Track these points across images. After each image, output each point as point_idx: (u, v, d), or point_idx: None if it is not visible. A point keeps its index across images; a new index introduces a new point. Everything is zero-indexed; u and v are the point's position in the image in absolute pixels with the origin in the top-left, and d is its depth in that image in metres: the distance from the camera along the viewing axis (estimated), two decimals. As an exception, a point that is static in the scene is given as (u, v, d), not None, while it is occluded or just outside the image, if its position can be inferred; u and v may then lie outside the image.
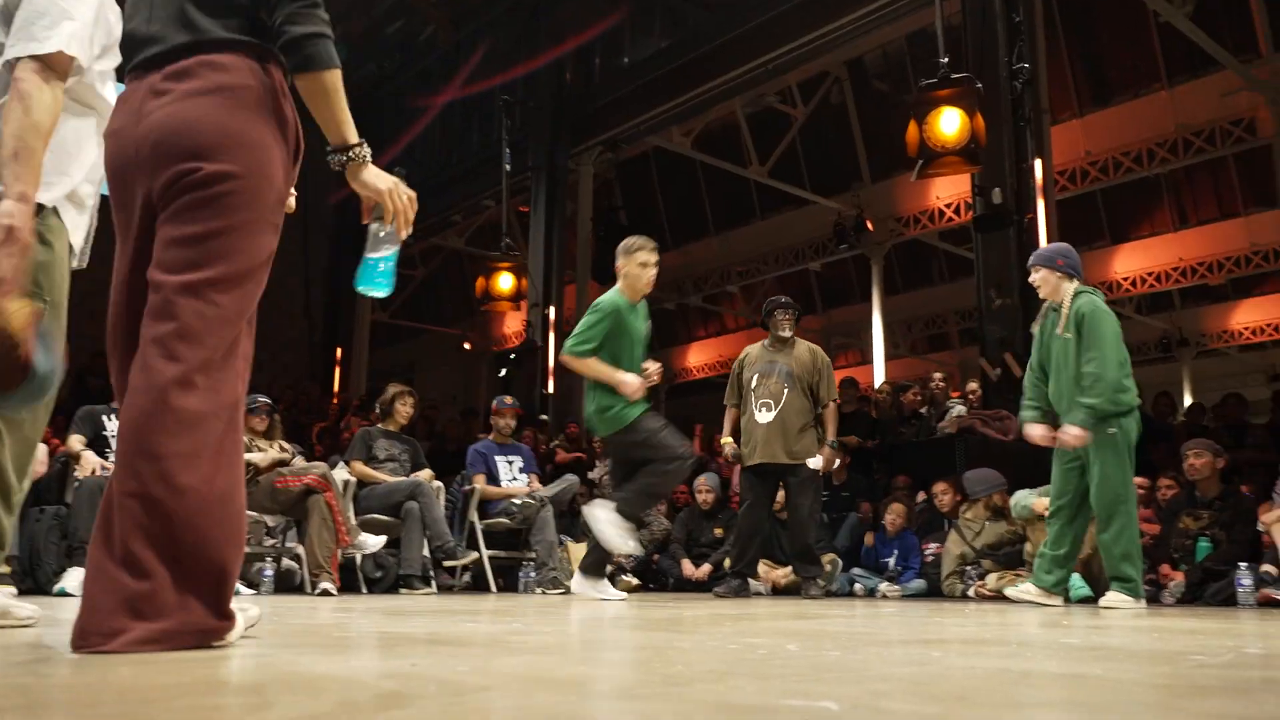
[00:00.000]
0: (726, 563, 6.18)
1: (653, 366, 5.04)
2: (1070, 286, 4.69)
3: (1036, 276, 4.76)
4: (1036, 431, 4.79)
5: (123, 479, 1.70)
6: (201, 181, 1.76)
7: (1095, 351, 4.47)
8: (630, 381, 4.88)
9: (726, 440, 6.13)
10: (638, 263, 4.95)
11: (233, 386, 1.80)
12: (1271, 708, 1.21)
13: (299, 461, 5.94)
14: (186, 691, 1.26)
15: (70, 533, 4.92)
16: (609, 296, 5.02)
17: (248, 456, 5.71)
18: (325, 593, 5.20)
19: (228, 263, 1.79)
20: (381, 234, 1.95)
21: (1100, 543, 4.57)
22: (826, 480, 7.01)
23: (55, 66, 2.03)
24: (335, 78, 1.84)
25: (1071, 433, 4.46)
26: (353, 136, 1.89)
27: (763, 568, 6.38)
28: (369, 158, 1.92)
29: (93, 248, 2.39)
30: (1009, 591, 4.76)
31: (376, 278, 1.96)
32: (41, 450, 4.91)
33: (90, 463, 5.16)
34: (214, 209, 1.78)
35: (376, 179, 1.92)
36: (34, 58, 2.00)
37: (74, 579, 4.57)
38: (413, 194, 1.97)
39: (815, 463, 5.60)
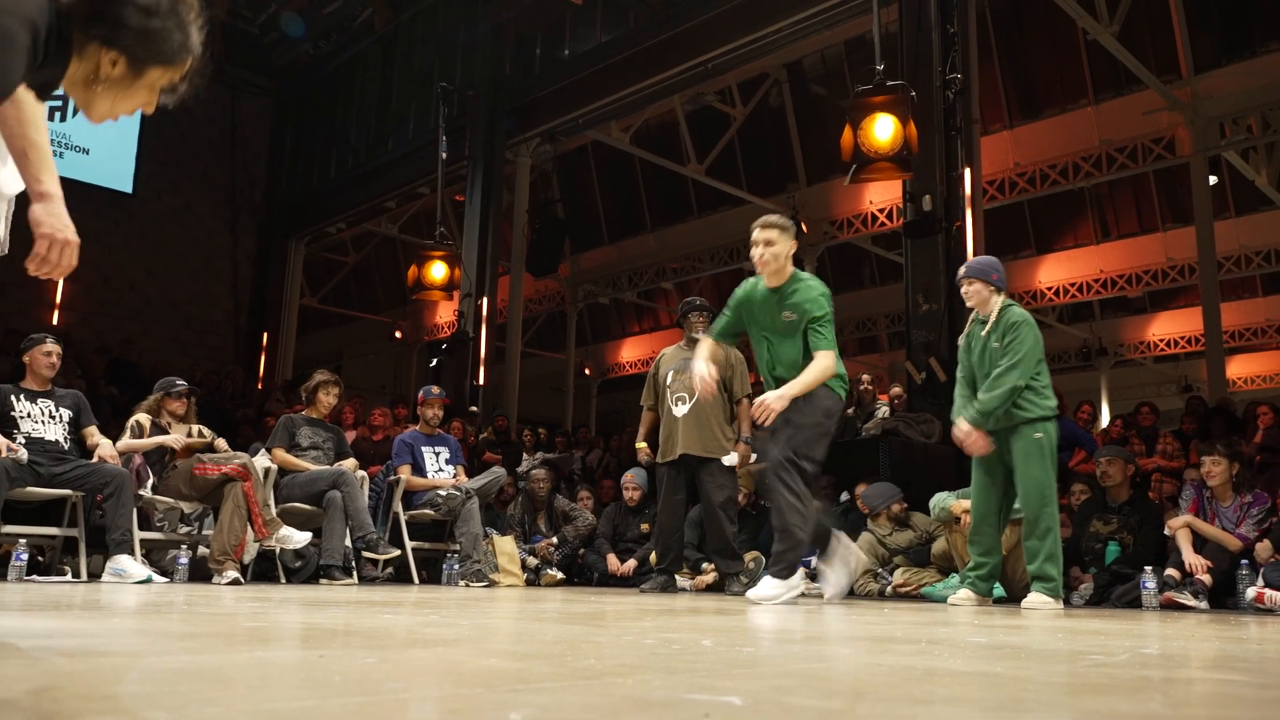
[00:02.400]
0: (653, 558, 6.20)
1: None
2: (999, 300, 4.82)
3: (970, 289, 4.83)
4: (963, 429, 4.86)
5: None
6: None
7: (1013, 359, 4.61)
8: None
9: (641, 445, 6.16)
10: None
11: None
12: (1156, 705, 1.26)
13: (221, 444, 5.82)
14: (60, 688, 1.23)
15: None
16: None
17: (162, 438, 5.58)
18: (235, 581, 5.10)
19: None
20: None
21: (1027, 546, 4.68)
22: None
23: None
24: None
25: (962, 428, 4.64)
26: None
27: (686, 580, 6.38)
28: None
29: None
30: (951, 599, 4.87)
31: None
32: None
33: (-4, 443, 5.00)
34: None
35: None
36: None
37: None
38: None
39: (731, 459, 5.63)
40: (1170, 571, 5.08)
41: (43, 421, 5.22)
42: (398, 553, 6.16)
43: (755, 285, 4.59)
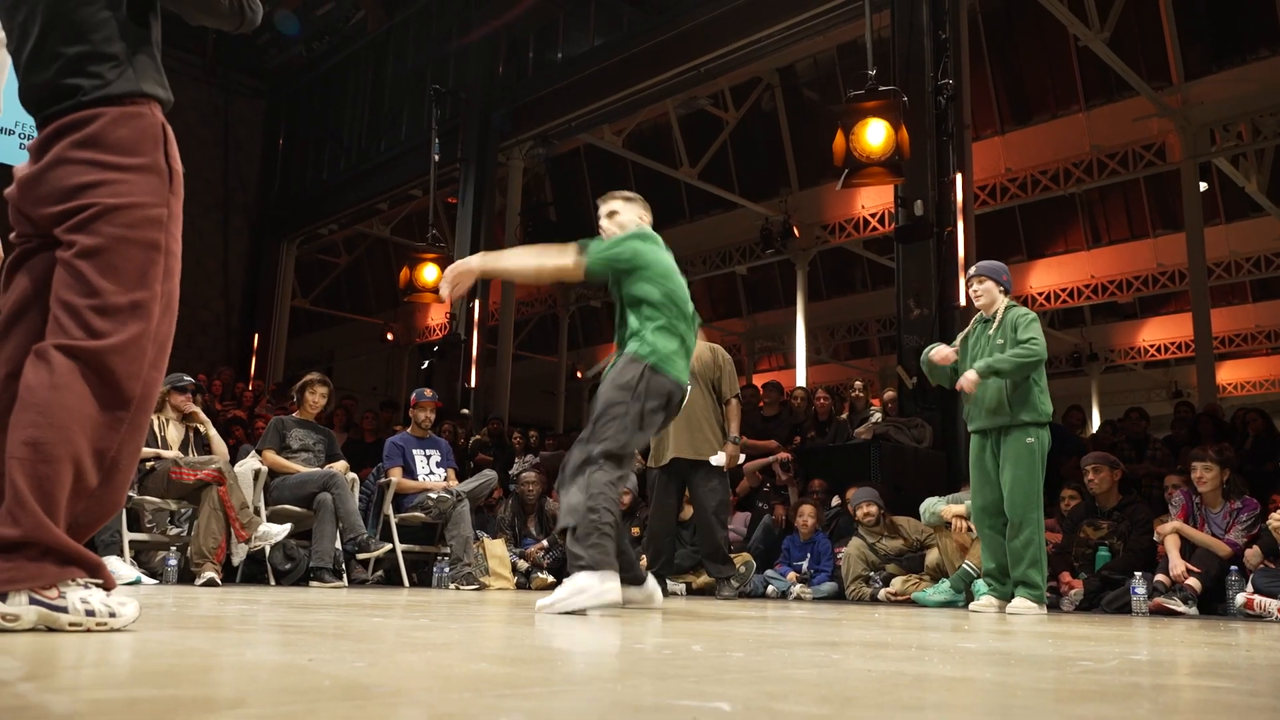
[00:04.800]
0: (642, 562, 6.19)
1: None
2: (1004, 300, 4.95)
3: (981, 287, 4.95)
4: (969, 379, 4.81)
5: None
6: None
7: (1032, 339, 4.67)
8: None
9: None
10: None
11: None
12: (1145, 712, 1.26)
13: (214, 435, 5.84)
14: (62, 682, 1.22)
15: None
16: None
17: (156, 451, 5.55)
18: (211, 582, 5.07)
19: None
20: None
21: (1010, 549, 4.71)
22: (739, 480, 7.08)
23: None
24: None
25: (969, 378, 4.71)
26: None
27: (678, 584, 6.40)
28: None
29: None
30: (972, 606, 4.90)
31: None
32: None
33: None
34: None
35: None
36: None
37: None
38: None
39: (719, 459, 5.64)
40: (1160, 577, 5.09)
41: (30, 423, 5.19)
42: (389, 546, 6.15)
43: None
